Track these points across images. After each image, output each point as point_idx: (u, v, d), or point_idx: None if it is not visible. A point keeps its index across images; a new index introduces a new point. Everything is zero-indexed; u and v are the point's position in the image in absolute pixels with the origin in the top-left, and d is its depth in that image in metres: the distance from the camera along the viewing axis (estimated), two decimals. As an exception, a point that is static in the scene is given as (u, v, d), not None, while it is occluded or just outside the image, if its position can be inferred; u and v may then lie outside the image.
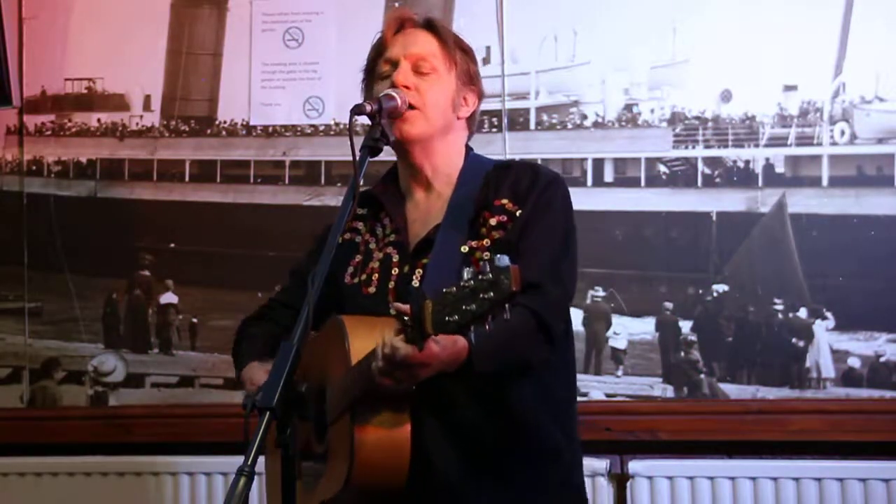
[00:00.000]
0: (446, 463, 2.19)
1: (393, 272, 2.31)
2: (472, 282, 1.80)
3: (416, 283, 2.25)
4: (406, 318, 1.93)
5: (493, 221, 2.26)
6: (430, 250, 2.27)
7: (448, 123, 2.34)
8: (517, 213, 2.25)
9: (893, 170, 3.39)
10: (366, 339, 2.11)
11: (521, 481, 2.23)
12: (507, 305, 1.78)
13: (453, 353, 2.04)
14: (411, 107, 2.27)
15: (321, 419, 2.27)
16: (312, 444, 2.30)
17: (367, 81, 2.41)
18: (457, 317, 1.81)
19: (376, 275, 2.33)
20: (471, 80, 2.38)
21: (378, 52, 2.38)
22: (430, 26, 2.37)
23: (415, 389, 2.09)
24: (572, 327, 2.36)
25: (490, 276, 1.78)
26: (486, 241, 2.24)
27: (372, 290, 2.32)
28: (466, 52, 2.39)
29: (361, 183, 2.10)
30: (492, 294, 1.77)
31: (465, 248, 2.25)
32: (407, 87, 2.28)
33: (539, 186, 2.28)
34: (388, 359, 1.97)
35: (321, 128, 3.75)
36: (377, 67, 2.37)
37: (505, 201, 2.27)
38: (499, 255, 1.79)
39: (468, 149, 2.42)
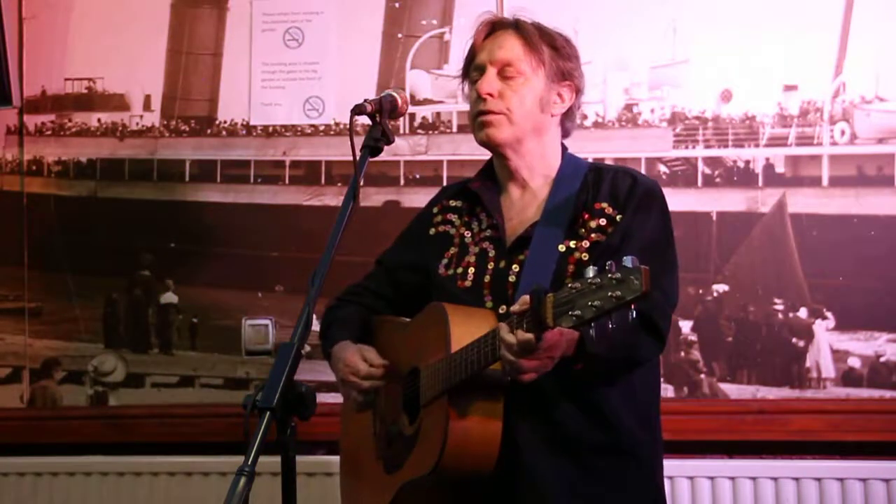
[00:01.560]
0: (533, 455, 2.23)
1: (489, 266, 2.34)
2: (598, 279, 1.82)
3: (512, 278, 2.30)
4: (524, 311, 1.97)
5: (592, 224, 2.29)
6: (526, 247, 2.30)
7: (538, 124, 2.37)
8: (617, 218, 2.28)
9: (893, 170, 3.39)
10: (465, 327, 2.18)
11: (604, 476, 2.27)
12: (633, 306, 1.80)
13: (570, 340, 2.10)
14: (496, 113, 2.33)
15: (413, 400, 2.31)
16: (403, 425, 2.34)
17: (463, 86, 2.47)
18: (579, 312, 1.84)
19: (472, 268, 2.36)
20: (563, 76, 2.39)
21: (469, 58, 2.44)
22: (517, 27, 2.41)
23: (509, 381, 2.14)
24: None
25: (619, 274, 1.80)
26: (585, 243, 2.28)
27: (468, 283, 2.36)
28: (557, 49, 2.41)
29: (362, 183, 2.11)
30: (619, 292, 1.80)
31: (562, 248, 2.28)
32: (491, 95, 2.33)
33: (638, 193, 2.31)
34: (512, 347, 2.01)
35: (321, 128, 3.75)
36: (469, 74, 2.43)
37: (605, 205, 2.31)
38: (625, 257, 1.82)
39: (564, 148, 2.44)
